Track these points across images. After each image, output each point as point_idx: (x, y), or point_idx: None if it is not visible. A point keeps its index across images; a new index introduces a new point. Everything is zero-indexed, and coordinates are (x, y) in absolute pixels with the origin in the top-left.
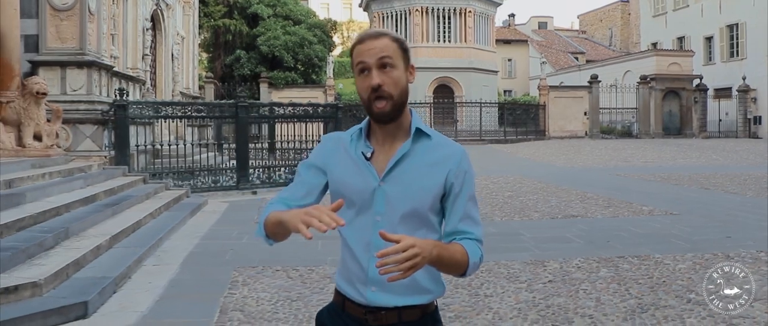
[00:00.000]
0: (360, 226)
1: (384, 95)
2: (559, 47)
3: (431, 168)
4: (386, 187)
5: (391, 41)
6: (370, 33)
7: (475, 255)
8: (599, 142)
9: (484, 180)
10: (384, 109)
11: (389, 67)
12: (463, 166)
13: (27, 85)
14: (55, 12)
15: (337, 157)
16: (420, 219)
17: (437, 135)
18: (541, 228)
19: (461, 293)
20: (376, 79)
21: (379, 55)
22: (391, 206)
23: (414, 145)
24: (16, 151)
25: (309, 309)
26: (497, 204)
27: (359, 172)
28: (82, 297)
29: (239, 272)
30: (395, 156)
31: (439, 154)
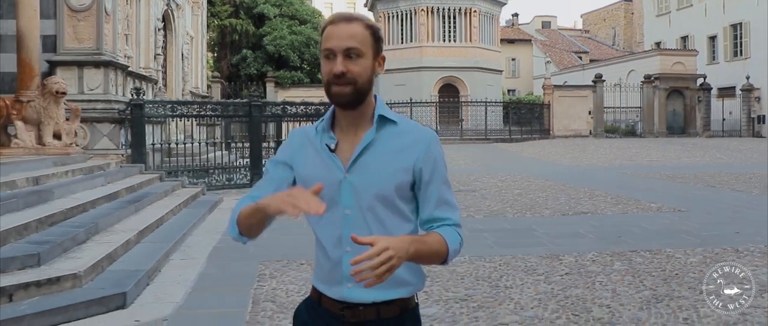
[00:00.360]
0: (330, 221)
1: (346, 82)
2: (563, 47)
3: (398, 155)
4: (352, 178)
5: (363, 28)
6: (344, 15)
7: (455, 241)
8: (603, 141)
9: (492, 178)
10: (343, 92)
11: (356, 57)
12: (432, 151)
13: (46, 84)
14: (72, 13)
15: (303, 151)
16: (390, 209)
17: (404, 120)
18: (553, 224)
19: (483, 285)
20: (339, 67)
21: (347, 43)
22: (359, 197)
23: (379, 133)
24: (36, 149)
25: None
26: (508, 202)
27: (324, 165)
28: (120, 288)
29: (265, 266)
30: (359, 145)
31: (405, 140)
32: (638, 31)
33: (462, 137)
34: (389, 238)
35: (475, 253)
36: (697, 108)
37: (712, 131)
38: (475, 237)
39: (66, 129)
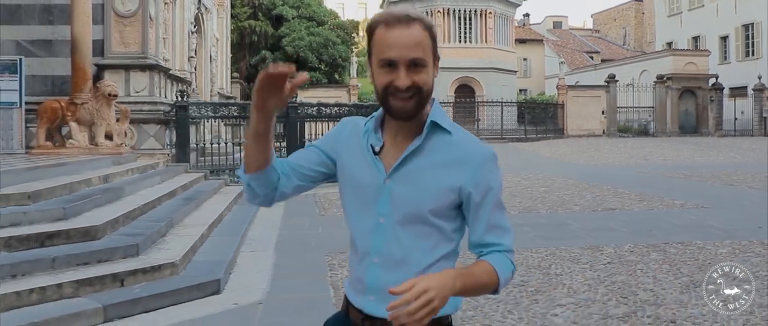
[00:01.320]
0: (363, 225)
1: (412, 94)
2: (574, 47)
3: (446, 170)
4: (392, 185)
5: (423, 30)
6: (399, 16)
7: (506, 270)
8: (617, 141)
9: (515, 177)
10: (407, 107)
11: (420, 67)
12: (486, 171)
13: (99, 87)
14: (119, 18)
15: (351, 144)
16: (427, 225)
17: (459, 131)
18: (585, 219)
19: (535, 272)
20: (405, 81)
21: (412, 54)
22: (396, 207)
23: (428, 141)
24: (89, 149)
25: None
26: (537, 199)
27: (367, 166)
28: (214, 276)
29: (331, 256)
30: (405, 151)
31: (457, 154)
32: (649, 31)
33: (478, 136)
34: (430, 277)
35: (520, 245)
36: (709, 107)
37: (724, 130)
38: (516, 230)
39: (117, 130)
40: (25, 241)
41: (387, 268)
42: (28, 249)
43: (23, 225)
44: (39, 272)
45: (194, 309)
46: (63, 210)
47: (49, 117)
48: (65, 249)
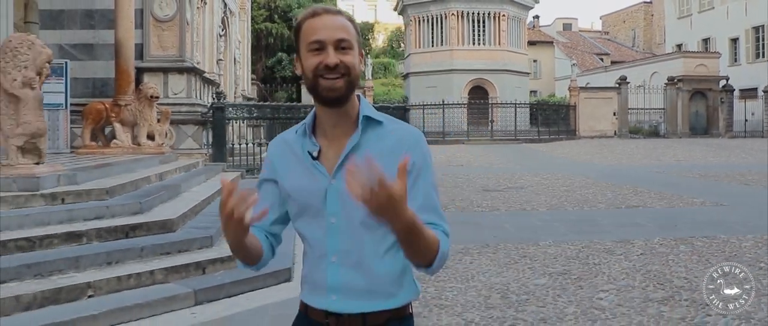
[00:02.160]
0: (315, 232)
1: (340, 72)
2: (584, 48)
3: (385, 158)
4: (338, 185)
5: (348, 21)
6: (325, 8)
7: (445, 244)
8: (629, 142)
9: (535, 177)
10: (336, 85)
11: (347, 48)
12: (418, 150)
13: (142, 89)
14: (157, 23)
15: (285, 160)
16: None
17: (390, 120)
18: (611, 215)
19: (575, 262)
20: (333, 59)
21: (339, 34)
22: (346, 204)
23: (365, 135)
24: (133, 149)
25: (447, 268)
26: (561, 197)
27: (308, 173)
28: (284, 265)
29: None
30: (345, 149)
31: (392, 140)
32: (658, 33)
33: (492, 137)
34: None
35: (556, 239)
36: (719, 109)
37: (735, 132)
38: (548, 226)
39: (158, 130)
40: (113, 232)
41: (346, 265)
42: (116, 239)
43: (106, 218)
44: (130, 260)
45: (272, 293)
46: (139, 204)
47: (94, 118)
48: (149, 240)
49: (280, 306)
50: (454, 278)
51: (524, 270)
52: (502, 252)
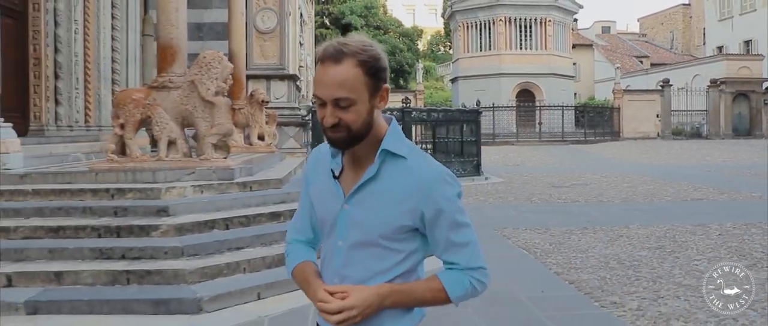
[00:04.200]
0: (326, 251)
1: (340, 130)
2: (624, 51)
3: (398, 196)
4: (350, 210)
5: (353, 67)
6: (330, 52)
7: (460, 287)
8: (672, 143)
9: (593, 175)
10: (337, 137)
11: (347, 107)
12: (437, 194)
13: (254, 95)
14: (259, 34)
15: (317, 171)
16: (380, 249)
17: (414, 155)
18: (680, 206)
19: (665, 240)
20: (329, 119)
21: (336, 94)
22: (350, 231)
23: (384, 167)
24: (246, 148)
25: (563, 243)
26: (627, 191)
27: (329, 190)
28: None
29: (499, 231)
30: (361, 179)
31: (410, 180)
32: (697, 35)
33: (540, 139)
34: (357, 293)
35: (641, 223)
36: (762, 111)
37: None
38: (628, 214)
39: (267, 131)
40: None
41: None
42: None
43: (288, 202)
44: None
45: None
46: None
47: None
48: None
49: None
50: (574, 250)
51: (625, 245)
52: (600, 233)
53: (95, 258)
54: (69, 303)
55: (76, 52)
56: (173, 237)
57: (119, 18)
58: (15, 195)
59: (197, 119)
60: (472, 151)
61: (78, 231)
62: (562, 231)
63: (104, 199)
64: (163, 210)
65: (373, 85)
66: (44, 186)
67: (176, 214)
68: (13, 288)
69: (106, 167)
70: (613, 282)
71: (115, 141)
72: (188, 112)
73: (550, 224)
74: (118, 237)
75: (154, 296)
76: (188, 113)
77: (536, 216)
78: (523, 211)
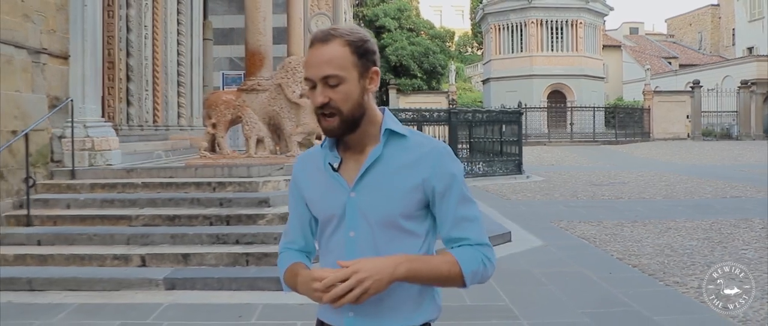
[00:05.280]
0: (334, 246)
1: (330, 112)
2: (652, 52)
3: (406, 171)
4: (358, 198)
5: (341, 46)
6: (320, 35)
7: (473, 261)
8: (703, 144)
9: (630, 174)
10: (330, 125)
11: (335, 84)
12: (445, 165)
13: None
14: None
15: (308, 174)
16: (398, 230)
17: (415, 134)
18: (720, 203)
19: (712, 232)
20: (319, 97)
21: (324, 71)
22: (365, 218)
23: (387, 148)
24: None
25: (617, 234)
26: (667, 189)
27: (329, 185)
28: (504, 230)
29: (555, 223)
30: (366, 162)
31: (415, 155)
32: (726, 36)
33: (572, 139)
34: (365, 261)
35: (686, 218)
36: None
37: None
38: (672, 209)
39: None
40: None
41: None
42: None
43: None
44: None
45: (500, 250)
46: None
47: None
48: None
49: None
50: (629, 240)
51: (675, 237)
52: (650, 226)
53: (213, 243)
54: (202, 280)
55: (146, 55)
56: (278, 225)
57: (184, 23)
58: (127, 188)
59: (284, 119)
60: (513, 150)
61: (191, 220)
62: (614, 223)
63: (207, 191)
64: (264, 202)
65: (361, 65)
66: (150, 179)
67: (276, 205)
68: (148, 268)
69: (201, 163)
70: (671, 266)
71: (207, 139)
72: (275, 113)
73: (601, 218)
74: (228, 225)
75: (275, 275)
76: (275, 114)
77: (586, 211)
78: (572, 207)
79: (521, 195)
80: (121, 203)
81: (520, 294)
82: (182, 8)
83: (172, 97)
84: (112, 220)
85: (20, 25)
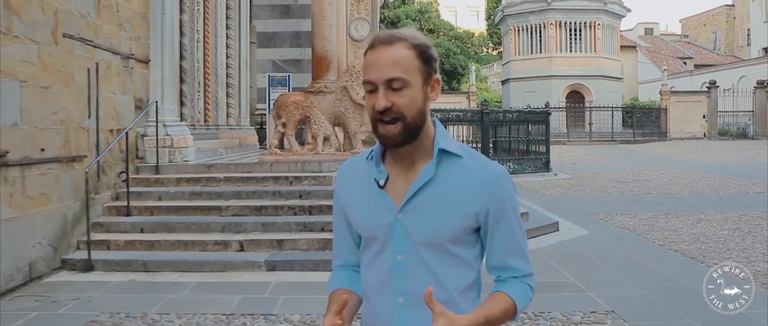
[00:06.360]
0: (379, 268)
1: (392, 118)
2: (667, 52)
3: (460, 196)
4: (405, 220)
5: (406, 49)
6: (383, 37)
7: (525, 298)
8: (720, 143)
9: (652, 172)
10: (391, 133)
11: (400, 87)
12: (502, 191)
13: None
14: (353, 42)
15: (351, 189)
16: (449, 255)
17: (470, 153)
18: (745, 197)
19: (741, 223)
20: (382, 102)
21: (389, 73)
22: (413, 241)
23: (440, 168)
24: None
25: (653, 225)
26: (692, 185)
27: (374, 203)
28: (552, 221)
29: (594, 215)
30: (417, 182)
31: (470, 179)
32: (741, 36)
33: (590, 139)
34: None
35: (715, 210)
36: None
37: None
38: (700, 203)
39: None
40: None
41: (414, 306)
42: None
43: None
44: None
45: (551, 238)
46: None
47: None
48: None
49: (555, 246)
50: (665, 230)
51: (707, 227)
52: (682, 218)
53: (300, 231)
54: (299, 262)
55: (198, 58)
56: None
57: (232, 28)
58: (210, 182)
59: (348, 119)
60: (541, 149)
61: (277, 210)
62: (649, 216)
63: (284, 185)
64: None
65: (425, 71)
66: (230, 174)
67: None
68: (247, 252)
69: (273, 159)
70: (709, 251)
71: (277, 137)
72: (340, 113)
73: (635, 210)
74: (311, 215)
75: None
76: (340, 114)
77: (619, 205)
78: (605, 201)
79: (554, 191)
80: (208, 195)
81: (580, 273)
82: (231, 13)
83: (221, 97)
84: (203, 211)
85: (116, 34)
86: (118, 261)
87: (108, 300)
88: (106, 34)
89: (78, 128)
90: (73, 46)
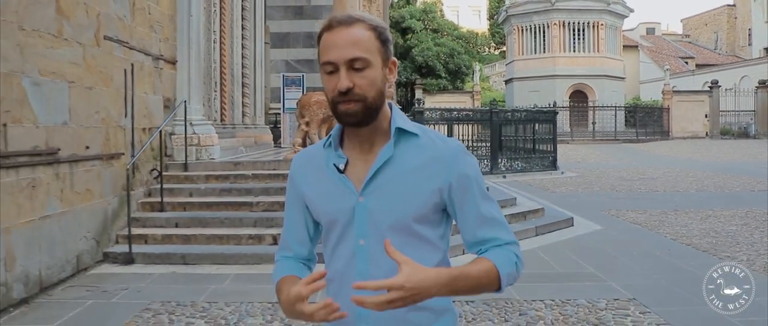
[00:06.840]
0: (343, 254)
1: (354, 98)
2: (669, 52)
3: (420, 173)
4: (367, 202)
5: (366, 29)
6: (341, 18)
7: (508, 263)
8: (721, 142)
9: (657, 170)
10: (352, 110)
11: (362, 68)
12: (461, 164)
13: None
14: None
15: (308, 176)
16: (413, 237)
17: (427, 132)
18: (750, 195)
19: (748, 219)
20: (344, 82)
21: (350, 53)
22: (375, 224)
23: (398, 148)
24: None
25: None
26: (697, 183)
27: (334, 188)
28: (567, 216)
29: (605, 211)
30: (375, 163)
31: (428, 154)
32: (742, 36)
33: (594, 138)
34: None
35: (722, 207)
36: None
37: None
38: (707, 200)
39: None
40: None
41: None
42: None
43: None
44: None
45: (567, 232)
46: None
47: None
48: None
49: (572, 240)
50: (676, 225)
51: (716, 222)
52: (691, 214)
53: None
54: None
55: (215, 59)
56: None
57: (248, 28)
58: (239, 179)
59: None
60: (548, 147)
61: None
62: (658, 212)
63: None
64: None
65: (384, 52)
66: (256, 171)
67: None
68: None
69: None
70: (720, 245)
71: (301, 135)
72: None
73: (645, 207)
74: None
75: None
76: None
77: (629, 202)
78: (615, 198)
79: (563, 189)
80: (238, 192)
81: (600, 264)
82: (246, 14)
83: (237, 97)
84: (234, 206)
85: (147, 35)
86: (158, 254)
87: (155, 290)
88: (140, 35)
89: (116, 127)
90: (112, 48)
